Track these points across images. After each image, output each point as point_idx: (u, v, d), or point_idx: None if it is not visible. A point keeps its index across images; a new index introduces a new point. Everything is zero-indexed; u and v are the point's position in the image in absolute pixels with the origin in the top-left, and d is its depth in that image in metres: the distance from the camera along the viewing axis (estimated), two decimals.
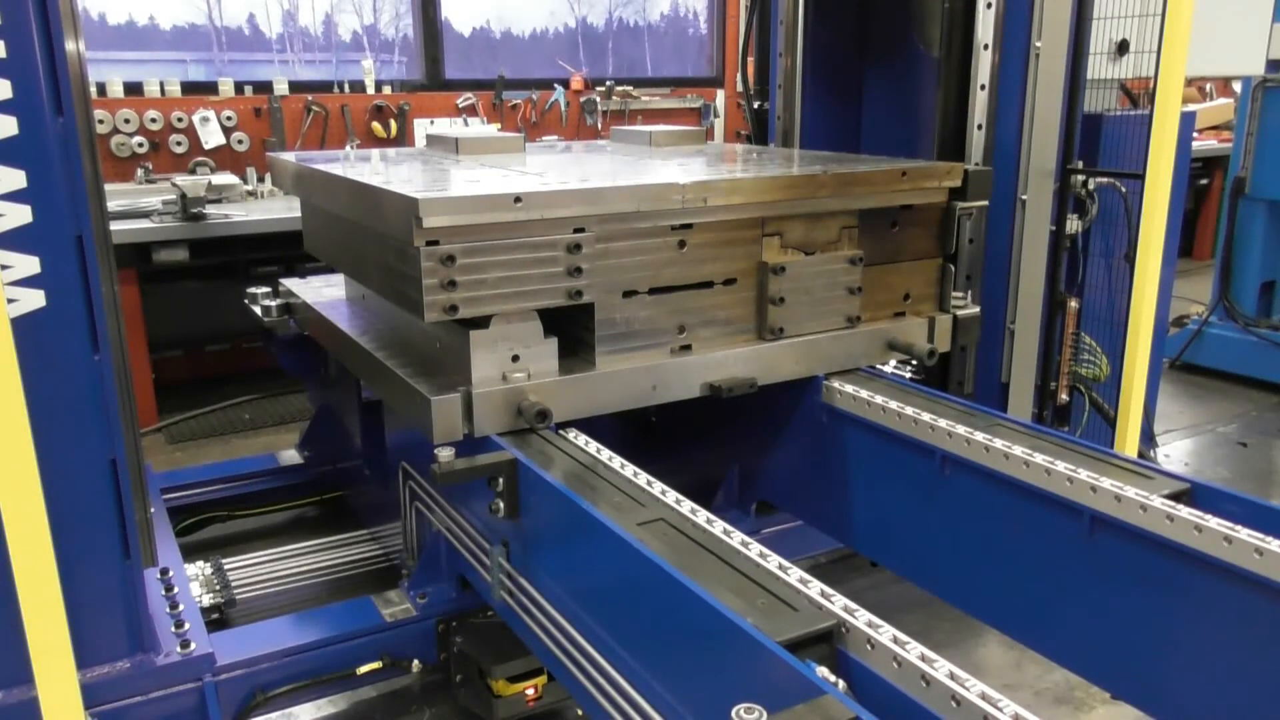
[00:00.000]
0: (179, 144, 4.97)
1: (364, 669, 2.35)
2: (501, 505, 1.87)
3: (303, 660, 2.30)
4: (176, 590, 2.41)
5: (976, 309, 2.63)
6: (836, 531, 2.43)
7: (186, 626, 2.24)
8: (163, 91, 4.97)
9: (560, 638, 1.78)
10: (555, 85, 5.98)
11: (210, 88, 5.09)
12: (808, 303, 2.36)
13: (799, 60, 3.52)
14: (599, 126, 6.10)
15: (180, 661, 2.14)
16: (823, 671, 1.27)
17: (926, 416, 2.10)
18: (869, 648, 1.34)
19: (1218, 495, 1.77)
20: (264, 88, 5.16)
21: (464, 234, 1.93)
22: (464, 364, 2.03)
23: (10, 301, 1.80)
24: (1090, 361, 3.16)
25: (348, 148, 5.27)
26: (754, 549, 1.58)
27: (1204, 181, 7.82)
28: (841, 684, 1.29)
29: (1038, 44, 2.87)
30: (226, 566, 2.90)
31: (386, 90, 5.46)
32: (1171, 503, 1.69)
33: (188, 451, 4.26)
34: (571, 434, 2.07)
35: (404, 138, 5.50)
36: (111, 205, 4.16)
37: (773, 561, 1.54)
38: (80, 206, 1.84)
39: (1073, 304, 3.06)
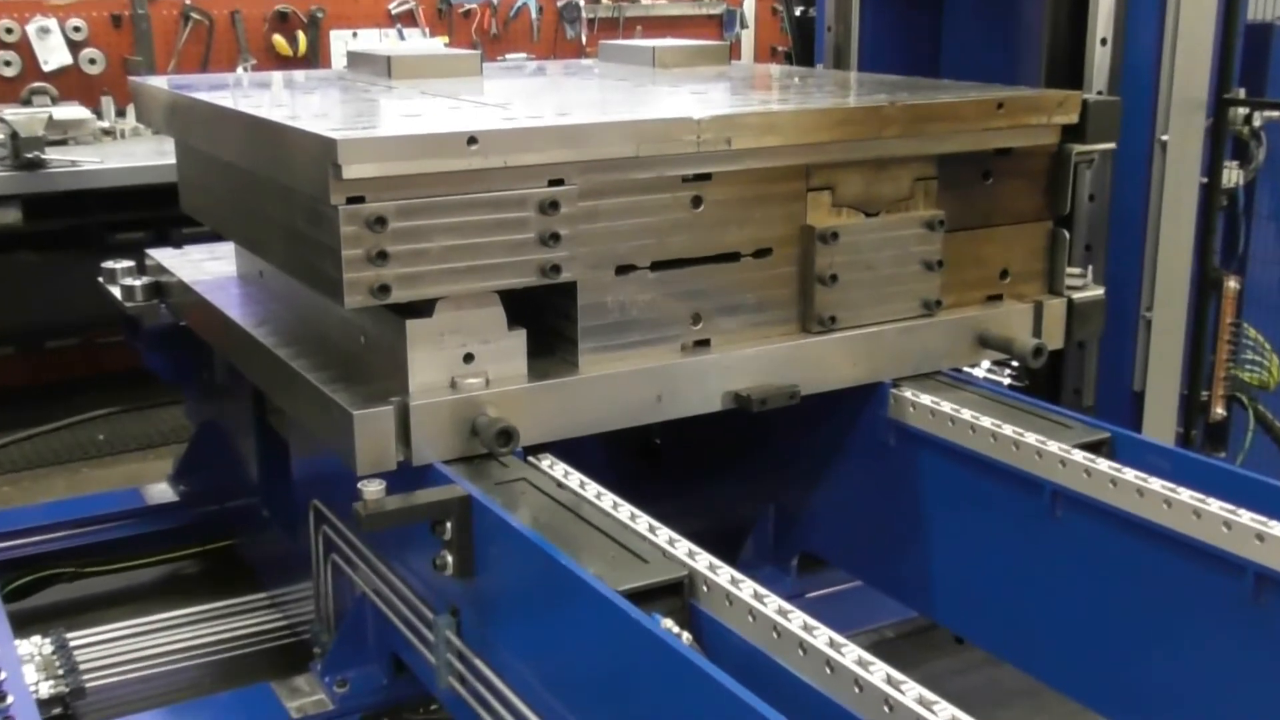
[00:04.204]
0: (7, 64, 4.97)
1: None
2: (450, 559, 1.87)
3: None
4: (4, 676, 2.40)
5: (1099, 291, 2.63)
6: (908, 595, 2.43)
7: None
8: None
9: None
10: None
11: None
12: (869, 282, 2.35)
13: None
14: (583, 41, 6.11)
15: None
16: (667, 624, 1.55)
17: (1031, 438, 2.09)
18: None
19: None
20: None
21: (399, 188, 1.93)
22: (398, 366, 2.03)
23: None
24: (1256, 363, 3.15)
25: (240, 70, 5.27)
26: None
27: None
28: (686, 636, 1.58)
29: None
30: (73, 643, 2.89)
31: None
32: None
33: (20, 485, 4.26)
34: (546, 462, 2.06)
35: (316, 56, 5.50)
36: None
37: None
38: None
39: (1231, 284, 3.06)
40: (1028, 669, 2.20)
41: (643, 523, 1.83)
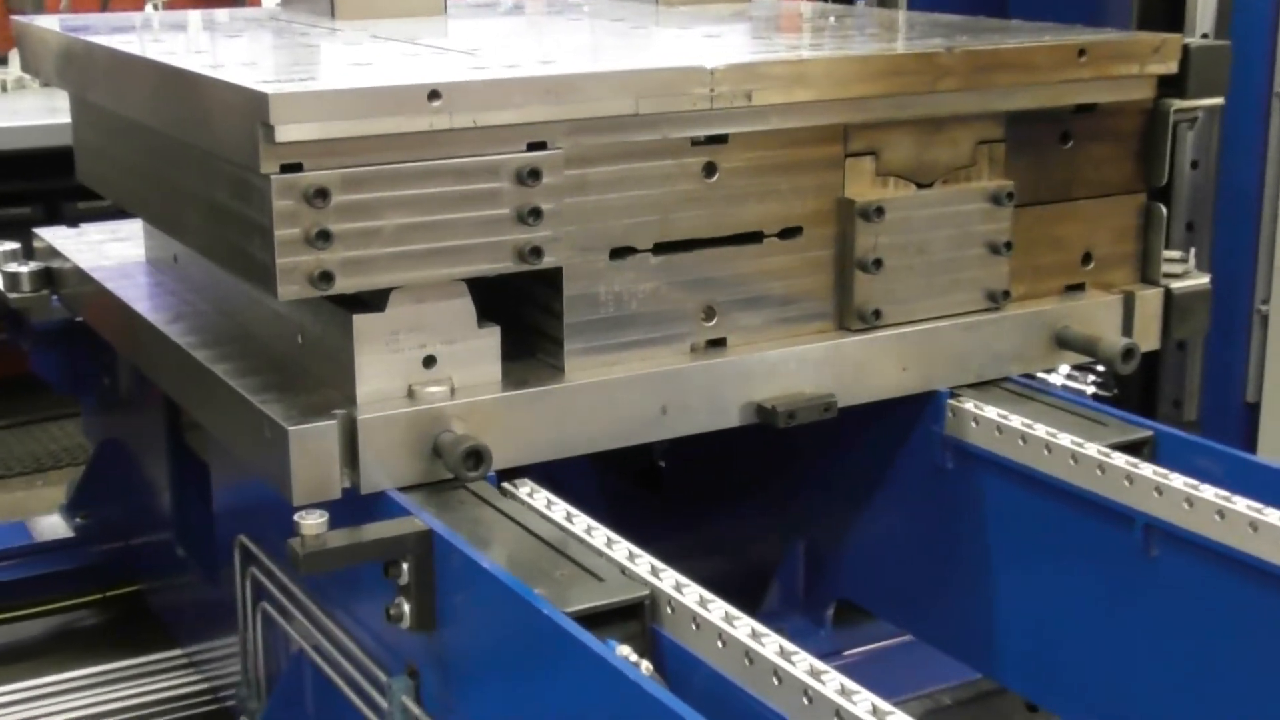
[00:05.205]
0: None
1: None
2: (406, 609, 1.87)
3: None
4: None
5: (1204, 279, 2.64)
6: (968, 652, 2.43)
7: None
8: None
9: None
10: None
11: None
12: (922, 268, 2.36)
13: None
14: None
15: None
16: (624, 650, 1.60)
17: (1120, 460, 2.10)
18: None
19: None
20: None
21: (344, 153, 1.93)
22: (343, 371, 2.03)
23: None
24: None
25: (149, 8, 5.27)
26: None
27: None
28: (646, 664, 1.63)
29: None
30: None
31: None
32: None
33: None
34: (524, 490, 2.07)
35: None
36: None
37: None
38: None
39: None
40: None
41: (621, 550, 1.86)
